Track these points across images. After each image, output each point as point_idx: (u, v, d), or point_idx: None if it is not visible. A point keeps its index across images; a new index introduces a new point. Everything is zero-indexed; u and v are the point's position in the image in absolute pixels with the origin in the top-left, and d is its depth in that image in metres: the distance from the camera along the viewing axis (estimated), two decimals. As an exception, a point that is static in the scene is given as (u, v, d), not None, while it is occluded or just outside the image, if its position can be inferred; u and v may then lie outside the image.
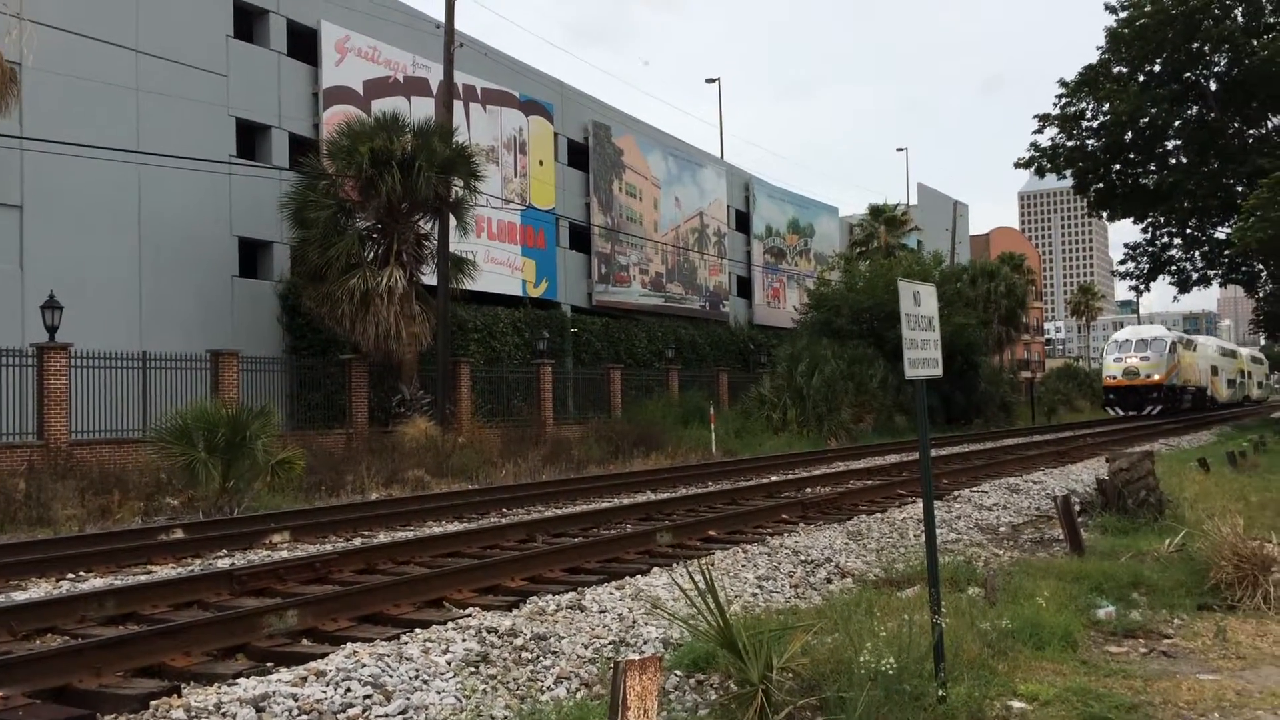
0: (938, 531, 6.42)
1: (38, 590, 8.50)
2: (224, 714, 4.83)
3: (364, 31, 30.15)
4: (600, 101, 41.51)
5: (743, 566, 8.79)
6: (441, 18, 27.56)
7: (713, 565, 8.43)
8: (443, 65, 27.40)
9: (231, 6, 27.27)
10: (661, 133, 45.35)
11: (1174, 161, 38.96)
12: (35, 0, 21.91)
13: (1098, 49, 38.06)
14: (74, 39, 22.73)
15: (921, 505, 7.26)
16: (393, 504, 14.75)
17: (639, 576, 8.28)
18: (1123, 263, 44.68)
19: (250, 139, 27.95)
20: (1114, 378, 46.18)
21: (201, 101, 25.93)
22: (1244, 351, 73.32)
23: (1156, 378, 45.00)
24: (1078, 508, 11.19)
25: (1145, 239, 42.94)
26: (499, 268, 33.82)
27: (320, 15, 29.12)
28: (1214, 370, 60.11)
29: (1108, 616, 7.34)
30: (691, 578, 6.08)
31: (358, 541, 10.90)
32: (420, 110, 29.69)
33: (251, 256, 27.74)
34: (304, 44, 29.05)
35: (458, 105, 29.99)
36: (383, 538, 11.11)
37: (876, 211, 55.95)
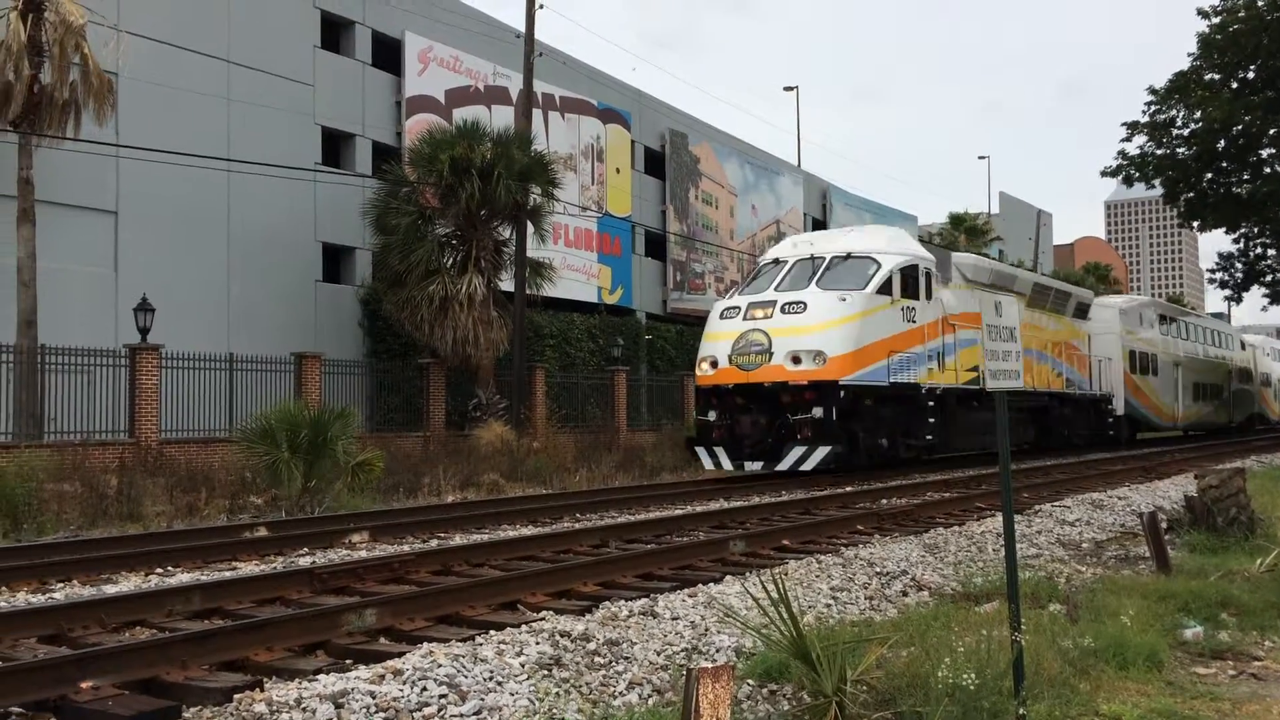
0: (1017, 546, 6.30)
1: (127, 584, 8.76)
2: (304, 709, 4.93)
3: (446, 42, 30.61)
4: (677, 109, 41.58)
5: (816, 577, 8.71)
6: (522, 28, 27.88)
7: (786, 575, 8.37)
8: (522, 75, 27.70)
9: (319, 18, 27.92)
10: (738, 140, 45.25)
11: (1268, 170, 37.71)
12: (131, 12, 22.69)
13: (1189, 55, 37.08)
14: (168, 50, 23.45)
15: (1001, 519, 7.13)
16: (468, 506, 14.91)
17: (711, 584, 8.26)
18: (1214, 271, 43.42)
19: (335, 147, 28.56)
20: (713, 366, 19.30)
21: (289, 110, 26.56)
22: None
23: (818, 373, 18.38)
24: (1165, 525, 10.88)
25: (1238, 249, 41.66)
26: (575, 274, 34.05)
27: (404, 26, 29.65)
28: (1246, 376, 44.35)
29: (1195, 637, 7.12)
30: (764, 587, 6.05)
31: (434, 543, 11.05)
32: (500, 119, 30.05)
33: (334, 262, 28.32)
34: (388, 54, 29.60)
35: (536, 114, 30.27)
36: (458, 540, 11.24)
37: (957, 220, 55.17)
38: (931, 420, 20.43)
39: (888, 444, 19.90)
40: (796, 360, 18.33)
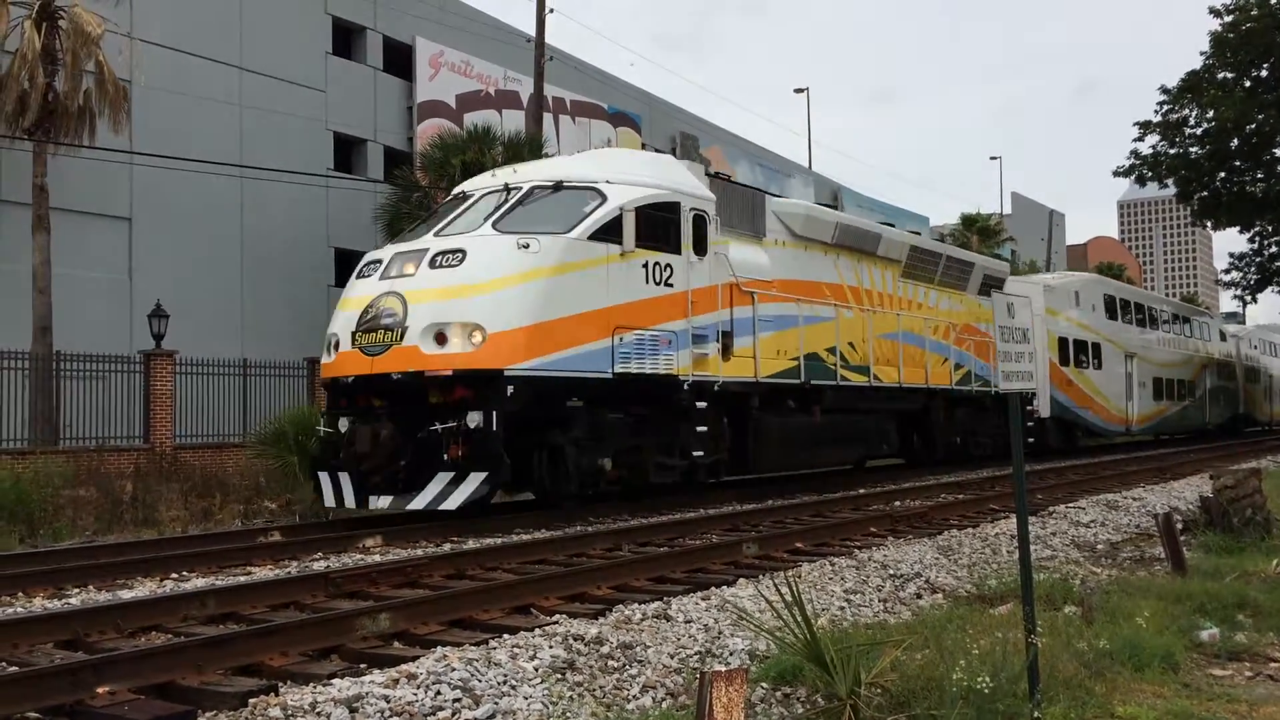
0: (1032, 548, 6.28)
1: (143, 589, 8.80)
2: (319, 713, 4.94)
3: (457, 47, 30.71)
4: (687, 112, 41.64)
5: (830, 579, 8.70)
6: (532, 32, 27.94)
7: (799, 577, 8.36)
8: (533, 79, 27.76)
9: (331, 25, 28.06)
10: (748, 142, 45.29)
11: (1282, 169, 37.59)
12: (145, 21, 22.83)
13: (1201, 54, 36.94)
14: (181, 57, 23.60)
15: (1015, 520, 7.11)
16: (480, 510, 14.92)
17: (725, 587, 8.25)
18: (1228, 272, 43.21)
19: (347, 152, 28.68)
20: (334, 349, 13.22)
21: (301, 116, 26.69)
22: None
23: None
24: (1180, 526, 10.83)
25: (1252, 249, 41.47)
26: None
27: (415, 32, 29.77)
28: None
29: (1211, 639, 7.09)
30: (778, 589, 6.05)
31: (447, 547, 11.06)
32: (511, 123, 30.11)
33: (347, 267, 28.32)
34: (399, 59, 29.72)
35: (547, 118, 30.33)
36: (471, 544, 11.25)
37: (969, 221, 54.95)
38: (703, 429, 14.40)
39: (624, 466, 13.97)
40: (441, 339, 12.08)
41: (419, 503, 12.00)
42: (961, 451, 22.56)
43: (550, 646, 6.10)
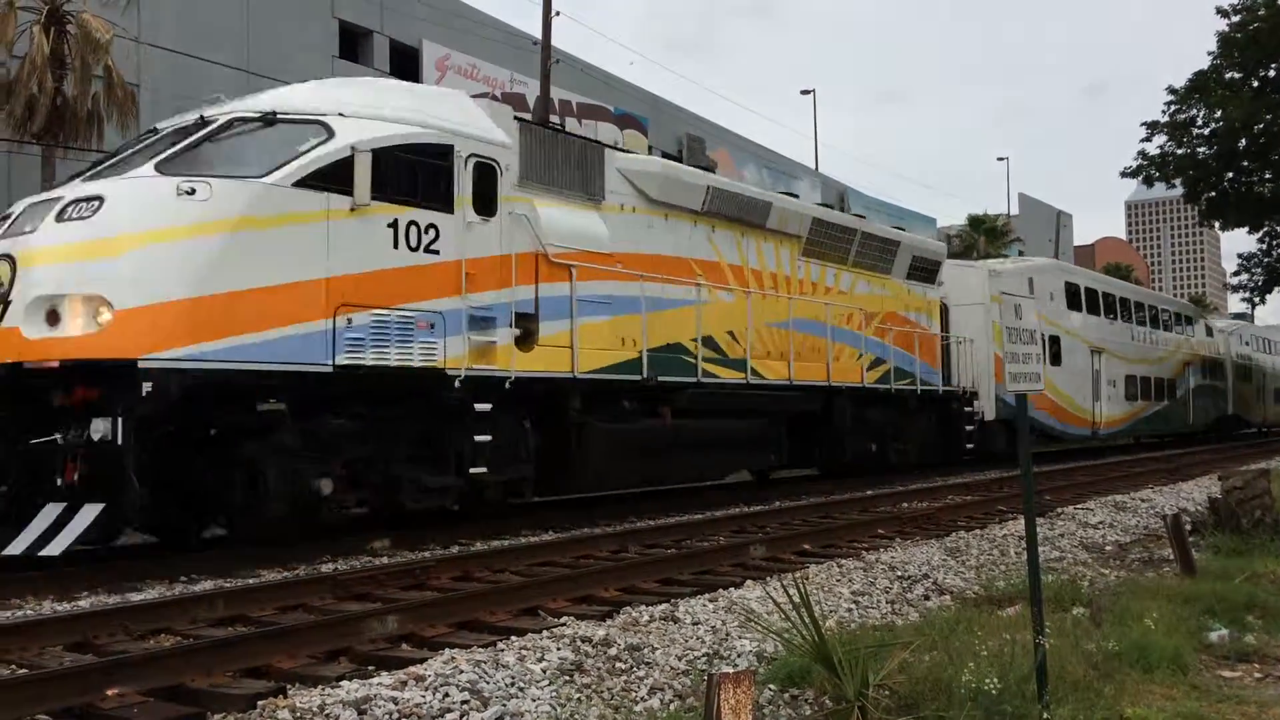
0: (1040, 549, 6.27)
1: (152, 592, 8.82)
2: (327, 715, 4.96)
3: (463, 50, 30.80)
4: (694, 114, 41.65)
5: (837, 581, 8.70)
6: (538, 35, 27.97)
7: (807, 579, 8.36)
8: (539, 81, 27.79)
9: (338, 28, 28.13)
10: (756, 144, 45.28)
11: (1291, 169, 37.50)
12: (152, 24, 22.90)
13: (1209, 54, 36.87)
14: (188, 61, 23.65)
15: (1023, 522, 7.10)
16: (487, 512, 14.93)
17: (732, 589, 8.25)
18: (1236, 274, 43.07)
19: (354, 155, 28.70)
20: None
21: (308, 120, 26.72)
22: None
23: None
24: (1189, 527, 10.81)
25: (1261, 249, 41.36)
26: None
27: (421, 35, 29.84)
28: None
29: (1220, 640, 7.07)
30: (785, 591, 6.05)
31: (454, 549, 11.07)
32: (517, 125, 30.13)
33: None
34: (406, 63, 29.79)
35: (554, 120, 30.36)
36: (479, 546, 11.26)
37: (976, 222, 54.95)
38: (486, 439, 11.30)
39: (362, 487, 10.90)
40: (54, 318, 8.97)
41: (16, 546, 8.60)
42: (878, 459, 19.13)
43: (558, 648, 6.10)
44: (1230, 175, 38.15)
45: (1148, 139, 38.60)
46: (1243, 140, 36.71)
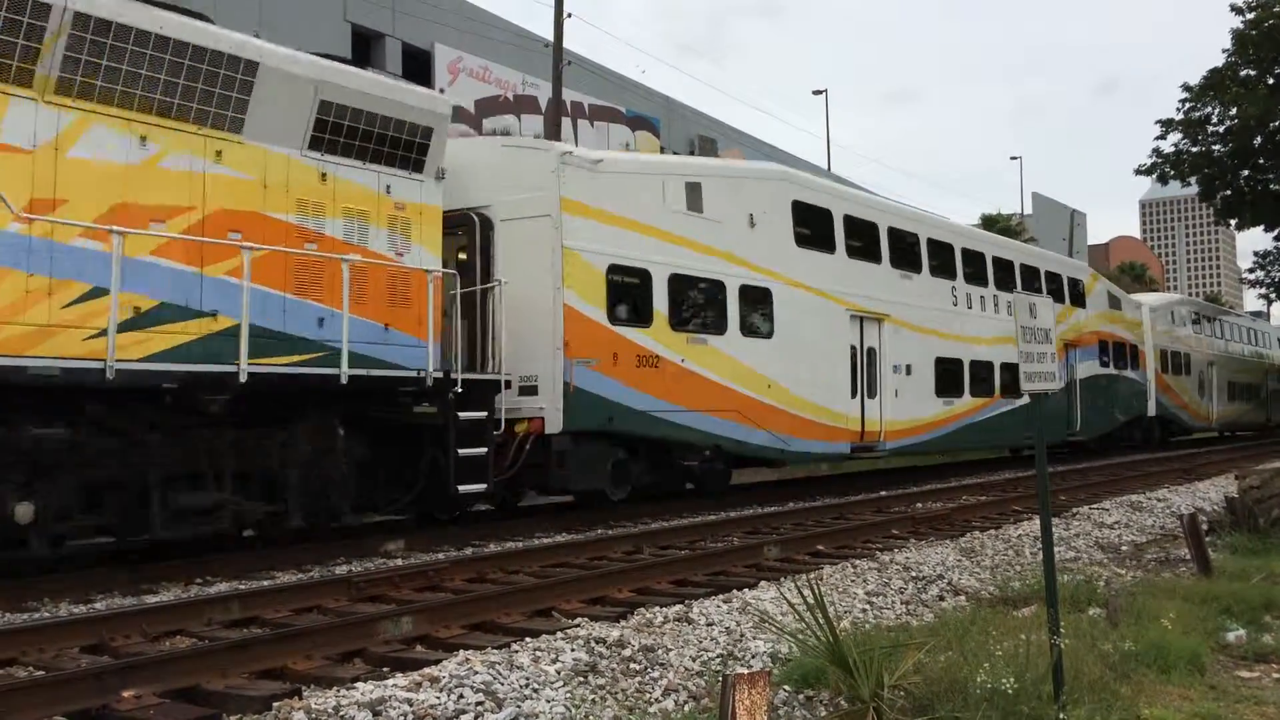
0: (1055, 550, 6.25)
1: (168, 594, 8.86)
2: (342, 717, 4.97)
3: (475, 52, 30.83)
4: (706, 115, 41.62)
5: (852, 582, 8.68)
6: (550, 37, 28.00)
7: (821, 580, 8.35)
8: (551, 83, 27.81)
9: (350, 32, 28.19)
10: (767, 145, 45.20)
11: (1307, 166, 37.25)
12: (167, 30, 23.00)
13: (1223, 51, 36.64)
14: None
15: (1038, 522, 7.07)
16: (501, 514, 14.95)
17: (746, 590, 8.24)
18: (1252, 271, 42.83)
19: (366, 158, 28.78)
20: None
21: (320, 123, 26.82)
22: None
23: None
24: (1205, 527, 10.75)
25: (1277, 247, 41.13)
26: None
27: (434, 38, 29.88)
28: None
29: (1238, 640, 7.03)
30: (800, 592, 6.04)
31: (468, 550, 11.09)
32: (530, 127, 30.19)
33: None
34: (419, 66, 29.82)
35: (566, 122, 30.39)
36: (492, 548, 11.28)
37: (989, 221, 54.77)
38: None
39: None
40: None
41: None
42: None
43: (572, 649, 6.11)
44: (1246, 173, 37.90)
45: (1162, 136, 38.40)
46: (1258, 138, 36.48)
